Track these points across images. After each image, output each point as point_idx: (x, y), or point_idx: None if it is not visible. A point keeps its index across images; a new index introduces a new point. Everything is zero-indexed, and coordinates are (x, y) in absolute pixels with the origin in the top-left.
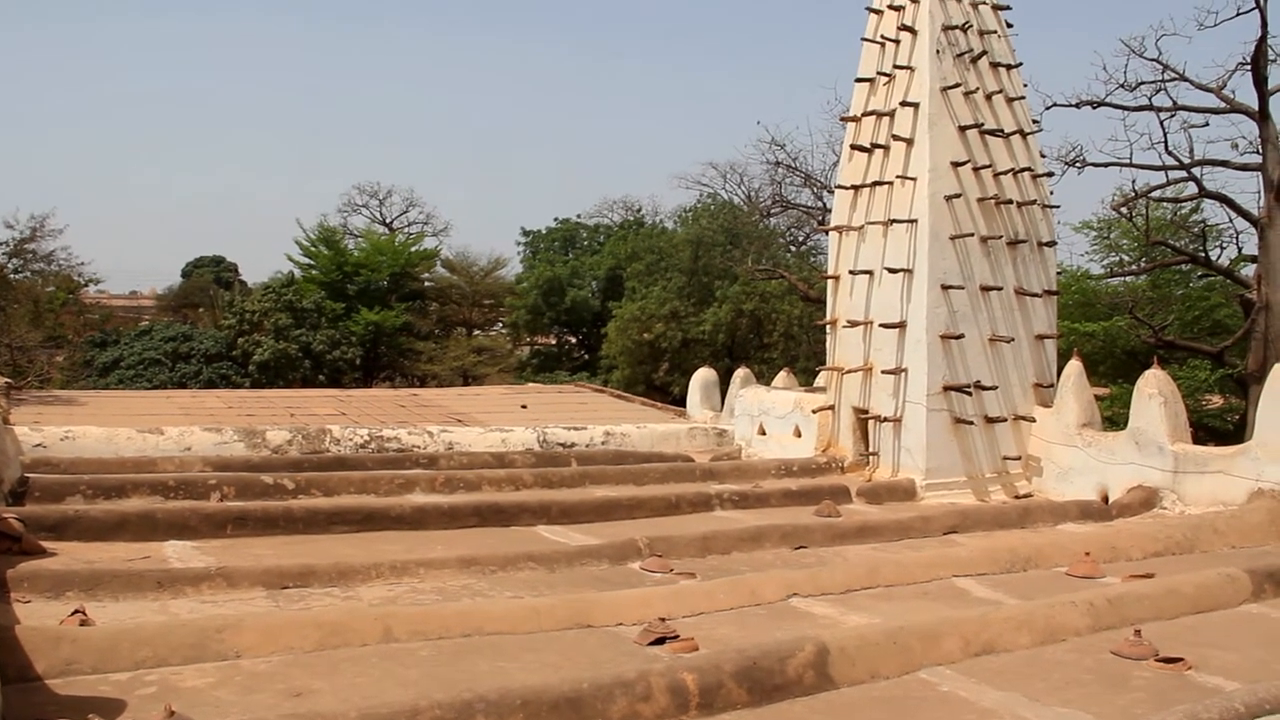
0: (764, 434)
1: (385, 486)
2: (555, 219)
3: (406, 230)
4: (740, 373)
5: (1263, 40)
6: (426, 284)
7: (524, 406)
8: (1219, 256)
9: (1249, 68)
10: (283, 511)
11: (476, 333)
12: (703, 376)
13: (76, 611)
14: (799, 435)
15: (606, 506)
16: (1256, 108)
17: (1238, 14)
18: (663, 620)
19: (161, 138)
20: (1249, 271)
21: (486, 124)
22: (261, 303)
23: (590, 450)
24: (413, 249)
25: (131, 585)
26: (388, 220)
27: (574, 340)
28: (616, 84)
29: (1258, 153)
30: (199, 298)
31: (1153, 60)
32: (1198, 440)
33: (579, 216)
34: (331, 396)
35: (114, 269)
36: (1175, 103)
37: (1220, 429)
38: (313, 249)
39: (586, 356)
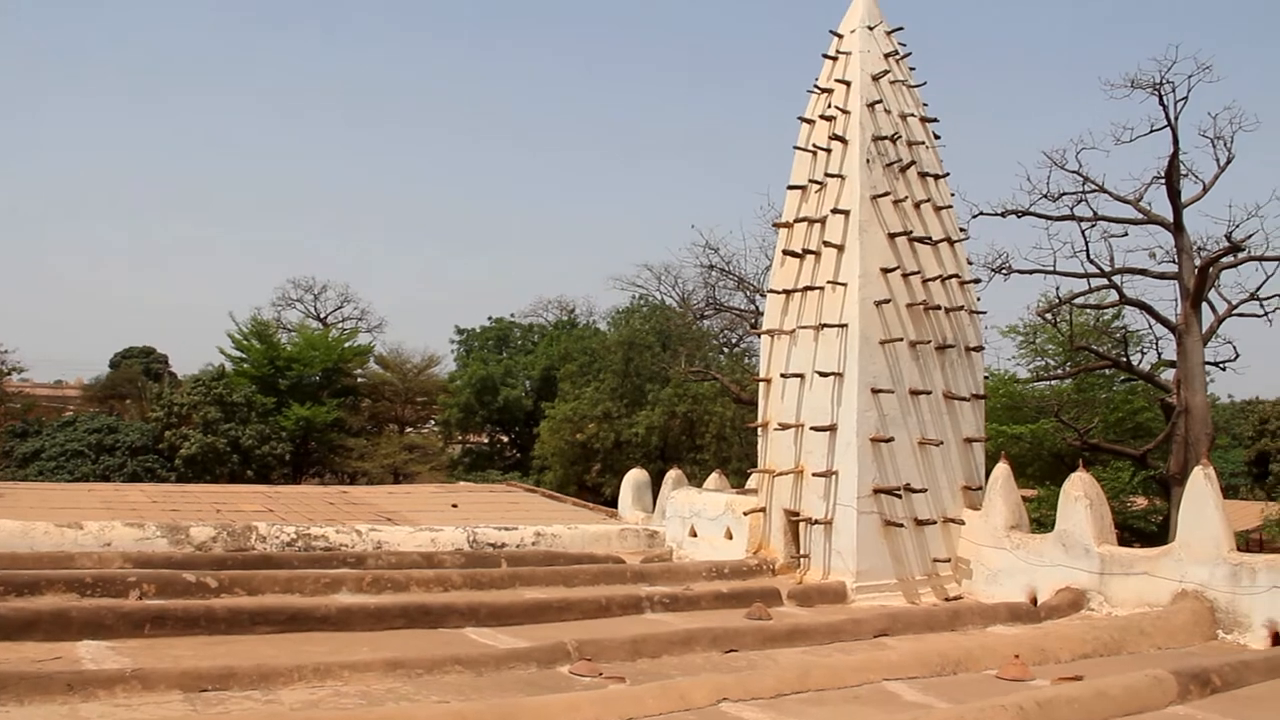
0: (695, 536)
1: (311, 586)
2: (489, 318)
3: (340, 326)
4: (672, 474)
5: (1174, 157)
6: (359, 380)
7: (455, 506)
8: (1140, 361)
9: (1163, 182)
10: (204, 611)
11: (408, 430)
12: (634, 478)
13: None
14: (730, 537)
15: (536, 609)
16: (1171, 219)
17: (1151, 130)
18: None
19: (93, 226)
20: (1169, 375)
21: (422, 222)
22: (190, 395)
23: (521, 551)
24: (346, 345)
25: (39, 688)
26: (322, 315)
27: (506, 439)
28: (553, 184)
29: (1174, 262)
30: (127, 389)
31: (1074, 172)
32: (1123, 541)
33: (513, 316)
34: (259, 493)
35: (39, 358)
36: (1095, 213)
37: (1145, 530)
38: (245, 342)
39: (519, 456)
